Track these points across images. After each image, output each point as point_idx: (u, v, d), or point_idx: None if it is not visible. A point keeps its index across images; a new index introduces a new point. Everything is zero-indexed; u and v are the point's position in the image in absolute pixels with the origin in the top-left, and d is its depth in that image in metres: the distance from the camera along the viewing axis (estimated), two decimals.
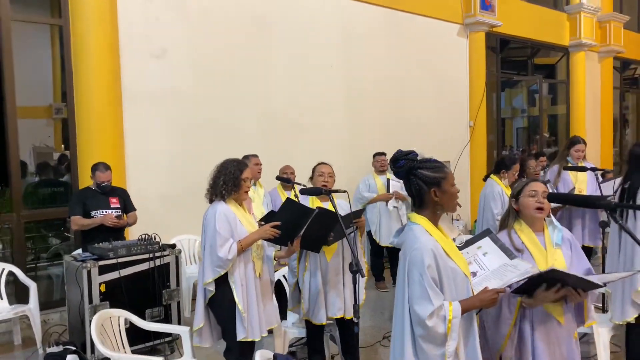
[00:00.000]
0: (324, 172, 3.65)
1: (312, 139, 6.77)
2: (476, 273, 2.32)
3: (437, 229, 2.17)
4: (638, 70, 13.98)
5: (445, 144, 8.58)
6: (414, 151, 2.20)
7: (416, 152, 2.20)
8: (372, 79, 7.62)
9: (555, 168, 5.10)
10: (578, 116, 11.28)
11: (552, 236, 2.57)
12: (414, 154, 2.18)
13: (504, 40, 9.89)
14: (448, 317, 2.00)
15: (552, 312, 2.46)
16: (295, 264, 3.70)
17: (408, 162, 2.16)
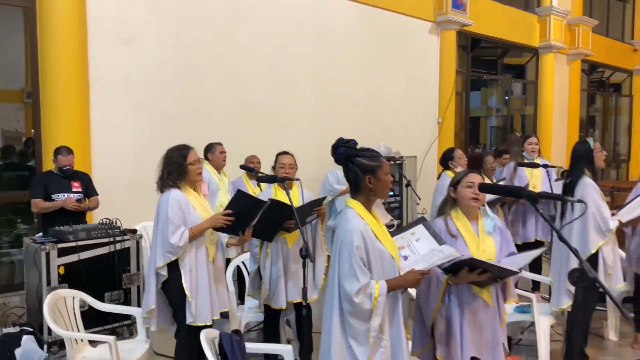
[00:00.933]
0: (284, 163, 3.74)
1: (284, 131, 6.86)
2: (407, 257, 2.46)
3: (369, 213, 2.30)
4: (605, 73, 14.37)
5: (413, 139, 8.75)
6: (353, 140, 2.32)
7: (356, 141, 2.31)
8: (345, 72, 7.74)
9: (512, 164, 5.30)
10: (545, 116, 11.57)
11: (484, 224, 2.73)
12: (353, 143, 2.30)
13: (475, 39, 10.09)
14: (374, 295, 2.14)
15: (480, 294, 2.63)
16: (257, 250, 3.79)
17: (347, 149, 2.28)
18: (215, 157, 5.07)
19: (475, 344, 2.64)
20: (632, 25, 14.62)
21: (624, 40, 14.40)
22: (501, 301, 2.75)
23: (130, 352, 3.23)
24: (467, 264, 2.47)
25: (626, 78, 14.86)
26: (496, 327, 2.70)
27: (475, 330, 2.64)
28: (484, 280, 2.57)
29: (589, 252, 3.59)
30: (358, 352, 2.16)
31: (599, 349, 4.36)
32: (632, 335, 4.45)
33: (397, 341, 2.26)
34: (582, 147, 3.82)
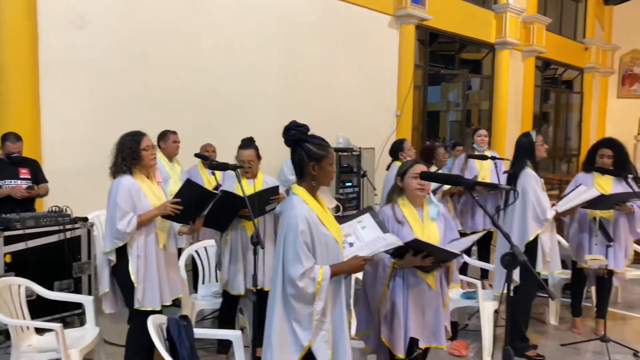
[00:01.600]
0: (243, 160, 3.69)
1: (245, 119, 6.85)
2: (353, 244, 2.55)
3: (314, 199, 2.36)
4: (558, 70, 14.87)
5: (372, 131, 8.87)
6: (306, 125, 2.36)
7: (308, 127, 2.36)
8: (306, 63, 7.78)
9: (463, 156, 5.47)
10: (500, 111, 11.90)
11: (429, 211, 2.85)
12: (305, 128, 2.34)
13: (433, 34, 10.28)
14: (317, 279, 2.20)
15: (424, 278, 2.75)
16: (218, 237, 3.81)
17: (298, 133, 2.32)
18: (167, 145, 5.03)
19: (418, 326, 2.76)
20: (584, 25, 15.17)
21: (576, 39, 14.93)
22: (445, 286, 2.88)
23: (78, 340, 3.20)
24: (411, 246, 2.56)
25: (577, 75, 15.43)
26: (439, 310, 2.82)
27: (418, 313, 2.76)
28: (429, 265, 2.68)
29: (528, 240, 3.77)
30: (301, 335, 2.22)
31: (540, 333, 4.57)
32: (571, 319, 4.68)
33: (339, 325, 2.33)
34: (525, 139, 3.98)
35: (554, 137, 15.30)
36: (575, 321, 4.62)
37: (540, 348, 4.15)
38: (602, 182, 4.22)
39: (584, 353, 4.17)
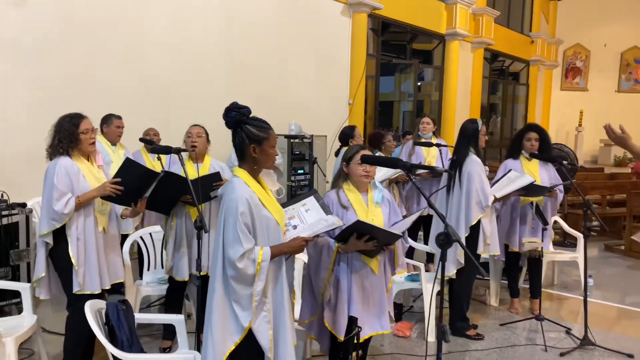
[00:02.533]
0: (192, 132, 3.70)
1: (192, 105, 6.72)
2: (297, 226, 2.57)
3: (255, 181, 2.35)
4: (505, 62, 15.33)
5: (324, 119, 8.89)
6: (247, 107, 2.34)
7: (249, 109, 2.34)
8: (256, 50, 7.69)
9: (410, 143, 5.58)
10: (450, 101, 12.17)
11: (374, 196, 2.90)
12: (246, 109, 2.33)
13: (385, 23, 10.37)
14: (257, 260, 2.21)
15: (368, 263, 2.80)
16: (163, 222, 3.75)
17: (239, 115, 2.31)
18: (110, 130, 4.89)
19: (362, 310, 2.80)
20: (530, 18, 15.67)
21: (522, 32, 15.40)
22: (388, 271, 2.93)
23: (14, 329, 3.09)
24: (354, 229, 2.60)
25: (524, 68, 15.95)
26: (382, 294, 2.88)
27: (362, 297, 2.80)
28: (372, 250, 2.73)
29: (471, 223, 3.90)
30: (241, 316, 2.23)
31: (481, 314, 4.75)
32: (510, 301, 4.88)
33: (280, 305, 2.35)
34: (471, 125, 4.11)
35: (501, 128, 15.80)
36: (513, 302, 4.82)
37: (480, 328, 4.32)
38: (530, 168, 4.42)
39: (521, 331, 4.36)
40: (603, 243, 7.66)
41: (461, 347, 3.99)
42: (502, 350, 3.96)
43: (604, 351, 3.93)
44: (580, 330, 4.09)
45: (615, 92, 17.40)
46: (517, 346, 4.04)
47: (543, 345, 4.00)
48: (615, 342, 4.09)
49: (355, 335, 2.44)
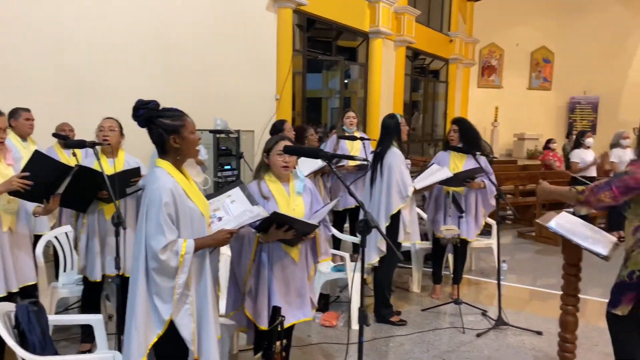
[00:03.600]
0: (104, 126, 3.56)
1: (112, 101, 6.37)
2: (222, 218, 2.54)
3: (179, 172, 2.31)
4: (426, 60, 15.90)
5: (251, 114, 8.82)
6: (154, 101, 2.29)
7: (157, 102, 2.29)
8: (180, 44, 7.49)
9: (334, 137, 5.67)
10: (374, 98, 12.44)
11: (295, 186, 2.92)
12: (153, 104, 2.27)
13: (310, 19, 10.44)
14: (181, 252, 2.17)
15: (289, 252, 2.82)
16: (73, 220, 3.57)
17: (147, 111, 2.25)
18: (19, 123, 4.60)
19: (283, 298, 2.82)
20: (449, 18, 16.34)
21: (442, 32, 16.03)
22: (310, 259, 2.97)
23: None
24: (273, 219, 2.62)
25: (443, 66, 16.61)
26: (304, 282, 2.91)
27: (283, 285, 2.83)
28: (292, 239, 2.75)
29: (391, 212, 4.04)
30: (162, 310, 2.18)
31: (404, 300, 4.93)
32: (432, 287, 5.09)
33: (204, 298, 2.32)
34: (391, 120, 4.24)
35: (422, 124, 16.39)
36: (435, 288, 5.03)
37: (403, 314, 4.48)
38: (457, 160, 4.64)
39: (442, 316, 4.56)
40: (516, 230, 8.18)
41: (385, 333, 4.12)
42: (424, 334, 4.13)
43: (516, 330, 4.20)
44: (496, 312, 4.34)
45: (526, 90, 18.54)
46: (438, 330, 4.23)
47: (462, 327, 4.21)
48: (526, 321, 4.37)
49: (279, 324, 2.45)
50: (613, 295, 2.76)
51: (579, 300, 2.95)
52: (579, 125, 17.36)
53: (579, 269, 2.87)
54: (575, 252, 2.79)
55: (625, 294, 2.70)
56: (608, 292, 2.78)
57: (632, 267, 2.69)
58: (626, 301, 2.69)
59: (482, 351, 3.84)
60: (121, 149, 3.65)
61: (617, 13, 16.96)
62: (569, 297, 2.87)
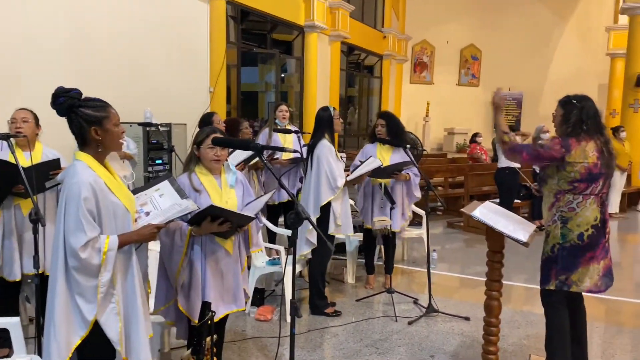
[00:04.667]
0: (16, 117, 3.38)
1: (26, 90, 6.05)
2: (150, 212, 2.45)
3: (101, 166, 2.21)
4: (361, 56, 16.12)
5: (184, 106, 8.59)
6: (76, 89, 2.17)
7: (79, 90, 2.18)
8: (104, 32, 7.16)
9: (267, 130, 5.62)
10: (310, 92, 12.49)
11: (227, 178, 2.87)
12: (75, 92, 2.16)
13: (244, 11, 10.30)
14: (103, 249, 2.08)
15: (223, 244, 2.78)
16: None
17: (68, 99, 2.13)
18: None
19: (217, 292, 2.78)
20: (382, 15, 16.64)
21: (376, 28, 16.30)
22: (243, 251, 2.94)
23: None
24: (208, 213, 2.57)
25: (377, 61, 16.92)
26: (238, 274, 2.89)
27: (217, 278, 2.79)
28: (226, 231, 2.71)
29: (321, 204, 4.08)
30: (85, 310, 2.08)
31: (339, 291, 4.99)
32: (366, 277, 5.18)
33: (132, 296, 2.24)
34: (324, 113, 4.27)
35: (358, 118, 16.64)
36: (368, 278, 5.12)
37: (338, 305, 4.53)
38: (383, 152, 4.74)
39: (376, 305, 4.65)
40: (446, 220, 8.47)
41: (320, 325, 4.15)
42: (358, 324, 4.20)
43: (445, 316, 4.35)
44: (427, 300, 4.47)
45: (456, 85, 19.24)
46: (372, 319, 4.31)
47: (394, 316, 4.31)
48: (455, 308, 4.54)
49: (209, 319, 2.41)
50: (542, 272, 3.02)
51: (503, 286, 3.09)
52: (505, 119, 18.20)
53: (502, 256, 3.01)
54: (498, 240, 2.92)
55: (551, 267, 2.97)
56: (532, 278, 3.00)
57: (552, 241, 2.98)
58: (552, 276, 2.96)
59: (413, 338, 3.95)
60: (38, 141, 3.45)
61: (538, 13, 17.92)
62: (493, 283, 3.00)
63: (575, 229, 2.92)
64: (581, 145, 2.91)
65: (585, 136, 2.93)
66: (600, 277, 2.97)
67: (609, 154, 2.96)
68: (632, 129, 10.43)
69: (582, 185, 2.92)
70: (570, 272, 2.93)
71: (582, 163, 2.88)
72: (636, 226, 9.19)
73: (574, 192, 2.93)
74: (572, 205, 2.94)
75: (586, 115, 2.94)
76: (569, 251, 2.92)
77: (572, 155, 2.89)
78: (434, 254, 5.94)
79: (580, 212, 2.92)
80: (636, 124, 10.74)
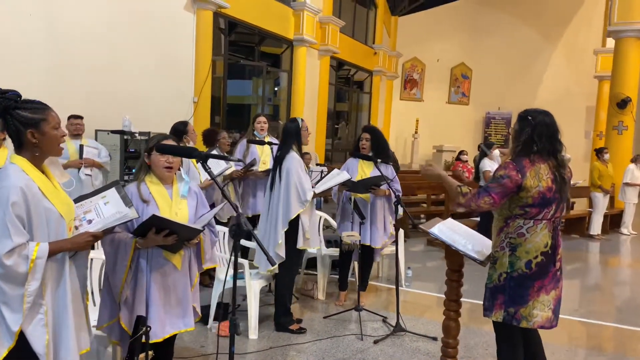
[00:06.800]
0: None
1: None
2: (92, 220, 2.36)
3: (37, 170, 2.13)
4: (351, 71, 16.15)
5: (166, 116, 8.45)
6: (14, 90, 2.10)
7: (17, 92, 2.10)
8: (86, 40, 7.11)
9: (244, 142, 5.55)
10: (298, 106, 12.47)
11: (179, 188, 2.78)
12: (12, 93, 2.08)
13: (232, 23, 10.29)
14: (31, 257, 1.99)
15: (170, 258, 2.67)
16: None
17: (4, 100, 2.05)
18: None
19: (163, 307, 2.66)
20: (373, 31, 16.72)
21: (366, 44, 16.36)
22: (194, 266, 2.82)
23: None
24: (151, 224, 2.47)
25: (367, 77, 16.96)
26: (186, 291, 2.76)
27: (163, 294, 2.67)
28: (174, 244, 2.61)
29: (290, 218, 3.98)
30: (10, 320, 1.98)
31: (308, 308, 4.88)
32: (337, 294, 5.08)
33: (62, 308, 2.13)
34: (292, 125, 4.20)
35: (347, 133, 16.62)
36: (340, 295, 5.02)
37: (305, 321, 4.42)
38: (364, 167, 4.67)
39: (344, 323, 4.54)
40: (426, 238, 8.39)
41: (283, 342, 4.04)
42: (321, 342, 4.09)
43: (413, 336, 4.25)
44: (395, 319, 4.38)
45: (445, 103, 19.30)
46: (337, 337, 4.20)
47: (360, 334, 4.20)
48: (423, 327, 4.45)
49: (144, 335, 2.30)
50: (487, 300, 2.77)
51: (461, 306, 3.01)
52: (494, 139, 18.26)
53: (462, 275, 2.93)
54: (457, 258, 2.85)
55: (497, 297, 2.71)
56: None
57: (500, 269, 2.72)
58: (497, 306, 2.71)
59: (377, 357, 3.84)
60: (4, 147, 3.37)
61: (526, 35, 18.07)
62: (451, 303, 2.92)
63: (523, 256, 2.67)
64: (535, 167, 2.66)
65: (537, 157, 2.68)
66: (552, 311, 2.71)
67: (562, 180, 2.70)
68: (616, 150, 10.46)
69: (534, 210, 2.67)
70: (519, 306, 2.67)
71: (536, 188, 2.63)
72: (618, 248, 9.14)
73: (525, 217, 2.68)
74: (521, 231, 2.69)
75: (539, 135, 2.67)
76: (517, 281, 2.67)
77: (527, 179, 2.63)
78: (409, 272, 5.85)
79: (530, 238, 2.67)
80: (620, 146, 10.77)
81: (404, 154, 18.20)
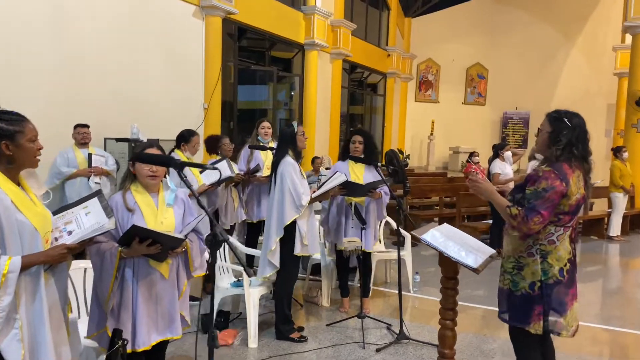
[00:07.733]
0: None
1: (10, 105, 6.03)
2: (73, 231, 2.32)
3: (11, 182, 2.10)
4: (364, 74, 16.05)
5: (176, 122, 8.49)
6: None
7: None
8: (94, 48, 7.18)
9: (247, 148, 5.51)
10: (310, 109, 12.41)
11: (165, 197, 2.74)
12: None
13: (242, 29, 10.30)
14: (2, 271, 1.96)
15: (157, 267, 2.64)
16: None
17: None
18: None
19: (150, 316, 2.64)
20: (386, 33, 16.60)
21: (379, 46, 16.25)
22: (182, 274, 2.78)
23: None
24: (132, 233, 2.44)
25: (381, 80, 16.83)
26: (174, 300, 2.73)
27: (150, 303, 2.64)
28: (159, 253, 2.57)
29: (285, 223, 3.91)
30: None
31: (312, 315, 4.80)
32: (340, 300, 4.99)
33: (39, 321, 2.10)
34: (287, 130, 4.14)
35: None
36: (343, 301, 4.93)
37: (309, 329, 4.35)
38: (356, 170, 4.59)
39: (347, 330, 4.45)
40: None
41: (283, 351, 3.97)
42: (322, 350, 4.01)
43: (417, 344, 4.14)
44: None
45: (461, 104, 19.07)
46: (338, 345, 4.11)
47: (362, 342, 4.11)
48: (429, 334, 4.33)
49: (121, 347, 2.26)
50: (519, 310, 2.61)
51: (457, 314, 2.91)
52: (511, 139, 17.97)
53: (457, 282, 2.83)
54: (451, 265, 2.74)
55: (534, 307, 2.56)
56: None
57: (531, 278, 2.58)
58: (535, 317, 2.56)
59: None
60: None
61: (545, 33, 17.75)
62: (447, 312, 2.82)
63: (555, 264, 2.55)
64: (575, 173, 2.53)
65: (575, 162, 2.55)
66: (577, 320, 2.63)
67: (589, 186, 2.63)
68: (635, 149, 10.17)
69: (567, 218, 2.55)
70: (560, 315, 2.55)
71: (576, 195, 2.50)
72: (639, 250, 8.86)
73: (557, 224, 2.55)
74: (552, 238, 2.56)
75: (576, 138, 2.53)
76: (554, 290, 2.55)
77: (571, 186, 2.48)
78: (417, 277, 5.73)
79: (560, 245, 2.56)
80: (638, 144, 10.47)
81: (420, 156, 18.02)
